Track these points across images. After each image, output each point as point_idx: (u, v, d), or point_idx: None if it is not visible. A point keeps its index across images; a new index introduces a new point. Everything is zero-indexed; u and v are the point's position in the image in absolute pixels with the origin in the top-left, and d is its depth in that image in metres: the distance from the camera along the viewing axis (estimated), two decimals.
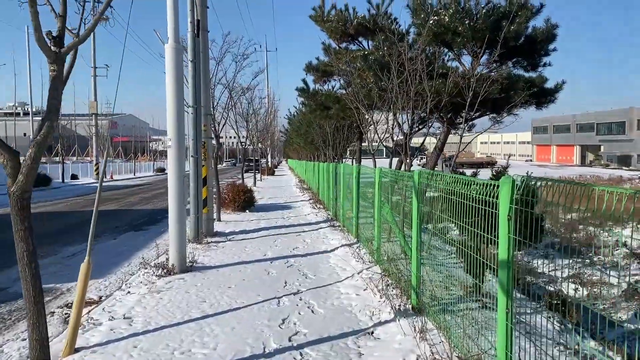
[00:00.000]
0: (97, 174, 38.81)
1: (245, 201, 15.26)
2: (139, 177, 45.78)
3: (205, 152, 10.38)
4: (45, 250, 9.94)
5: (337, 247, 9.06)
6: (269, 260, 8.21)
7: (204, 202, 10.36)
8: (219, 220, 12.93)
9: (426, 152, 12.04)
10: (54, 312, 6.18)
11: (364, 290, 6.17)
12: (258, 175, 34.63)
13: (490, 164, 68.45)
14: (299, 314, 5.42)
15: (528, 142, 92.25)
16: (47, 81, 3.76)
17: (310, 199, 19.32)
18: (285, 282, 6.75)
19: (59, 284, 7.47)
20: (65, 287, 7.27)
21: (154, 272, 7.23)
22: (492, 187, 3.33)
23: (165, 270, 7.26)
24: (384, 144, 11.18)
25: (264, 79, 61.19)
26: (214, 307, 5.70)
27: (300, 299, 5.96)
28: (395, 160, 11.78)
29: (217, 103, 12.87)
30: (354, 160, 20.67)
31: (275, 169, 58.38)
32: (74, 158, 56.67)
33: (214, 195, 12.65)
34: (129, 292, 6.43)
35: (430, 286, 5.18)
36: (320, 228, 11.64)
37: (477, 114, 10.17)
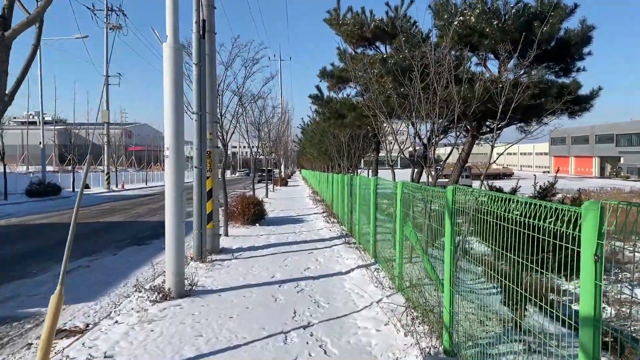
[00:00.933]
0: (108, 183, 38.43)
1: (255, 214, 14.47)
2: (150, 187, 45.35)
3: (210, 162, 9.64)
4: (40, 266, 9.25)
5: (353, 269, 8.20)
6: (278, 283, 7.38)
7: (209, 216, 9.59)
8: (226, 235, 12.15)
9: (441, 163, 11.18)
10: (30, 344, 5.43)
11: (385, 324, 5.31)
12: (270, 186, 33.93)
13: (507, 175, 67.23)
14: (309, 355, 4.59)
15: (545, 154, 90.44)
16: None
17: (323, 212, 18.48)
18: (295, 312, 5.92)
19: (44, 307, 6.69)
20: None
21: (148, 297, 6.43)
22: (568, 214, 2.47)
23: (160, 295, 6.46)
24: (403, 154, 10.36)
25: (275, 85, 60.72)
26: (210, 344, 4.89)
27: (311, 335, 5.12)
28: (415, 171, 10.95)
29: (226, 110, 12.13)
30: (369, 171, 19.83)
31: (289, 180, 57.68)
32: None
33: (221, 209, 11.88)
34: (116, 321, 5.65)
35: (466, 323, 4.32)
36: (334, 245, 10.79)
37: (505, 122, 9.31)
